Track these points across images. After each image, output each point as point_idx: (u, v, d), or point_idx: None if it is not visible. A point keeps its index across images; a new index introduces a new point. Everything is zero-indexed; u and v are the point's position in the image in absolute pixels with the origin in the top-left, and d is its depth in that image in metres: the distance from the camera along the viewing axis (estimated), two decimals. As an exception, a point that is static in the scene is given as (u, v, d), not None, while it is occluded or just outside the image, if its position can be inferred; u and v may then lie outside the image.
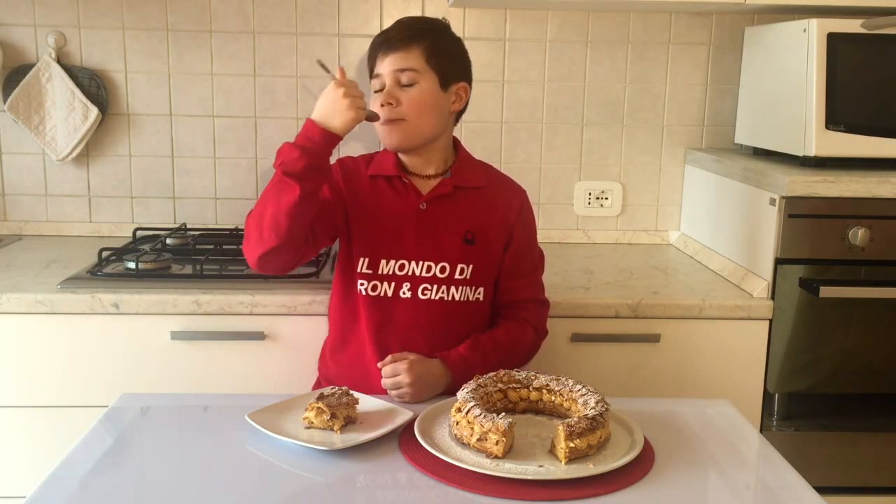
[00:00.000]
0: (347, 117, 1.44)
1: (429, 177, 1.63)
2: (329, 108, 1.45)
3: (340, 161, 1.66)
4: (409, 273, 1.58)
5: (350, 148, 2.37)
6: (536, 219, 2.39)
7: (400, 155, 1.64)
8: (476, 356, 1.55)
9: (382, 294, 1.58)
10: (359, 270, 1.59)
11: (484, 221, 1.62)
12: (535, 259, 1.70)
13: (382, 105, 1.55)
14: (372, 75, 1.60)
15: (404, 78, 1.55)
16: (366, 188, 1.62)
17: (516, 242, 1.65)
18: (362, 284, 1.59)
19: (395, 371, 1.48)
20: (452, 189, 1.61)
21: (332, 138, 1.45)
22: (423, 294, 1.58)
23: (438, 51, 1.59)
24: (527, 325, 1.65)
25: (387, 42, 1.57)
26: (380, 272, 1.58)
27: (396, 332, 1.58)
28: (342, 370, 1.63)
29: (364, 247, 1.59)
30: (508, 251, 1.64)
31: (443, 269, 1.58)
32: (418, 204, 1.59)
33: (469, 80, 1.65)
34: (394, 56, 1.55)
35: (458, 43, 1.64)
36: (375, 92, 1.58)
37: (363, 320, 1.60)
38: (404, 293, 1.58)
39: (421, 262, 1.58)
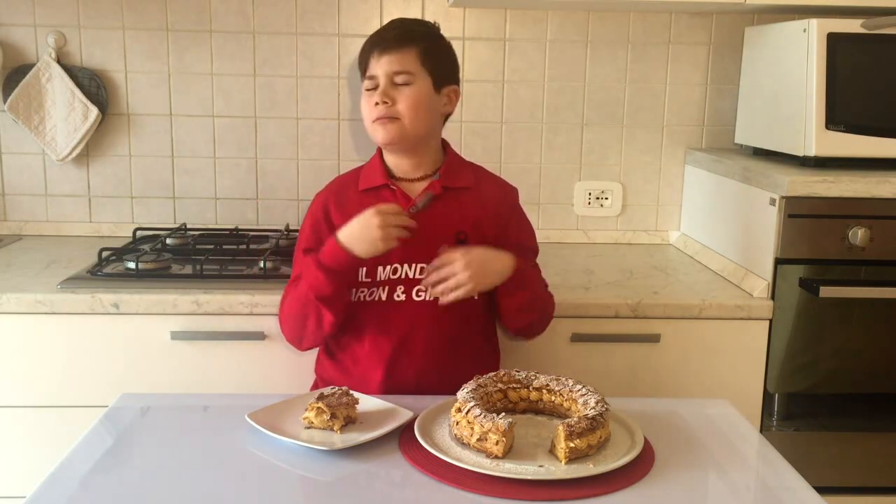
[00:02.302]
0: (374, 249, 1.46)
1: (417, 179, 1.62)
2: (360, 234, 1.46)
3: (324, 209, 1.63)
4: (403, 276, 1.57)
5: (351, 147, 2.37)
6: (536, 219, 2.42)
7: (389, 159, 1.63)
8: (530, 269, 1.61)
9: (377, 299, 1.58)
10: (358, 279, 1.58)
11: (475, 219, 1.61)
12: (534, 251, 1.72)
13: (377, 104, 1.54)
14: (364, 75, 1.59)
15: (399, 79, 1.55)
16: (356, 206, 1.59)
17: (516, 243, 1.64)
18: (362, 292, 1.59)
19: (448, 270, 1.47)
20: (442, 190, 1.60)
21: (356, 262, 1.48)
22: (418, 296, 1.57)
23: (432, 53, 1.59)
24: (548, 292, 1.70)
25: (382, 43, 1.57)
26: (377, 279, 1.58)
27: (393, 336, 1.57)
28: (339, 374, 1.62)
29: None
30: (514, 253, 1.63)
31: None
32: (408, 208, 1.57)
33: (458, 83, 1.66)
34: (389, 57, 1.55)
35: (449, 46, 1.66)
36: (367, 90, 1.58)
37: (359, 325, 1.60)
38: (399, 296, 1.57)
39: (414, 265, 1.57)
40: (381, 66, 1.56)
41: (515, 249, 1.64)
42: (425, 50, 1.58)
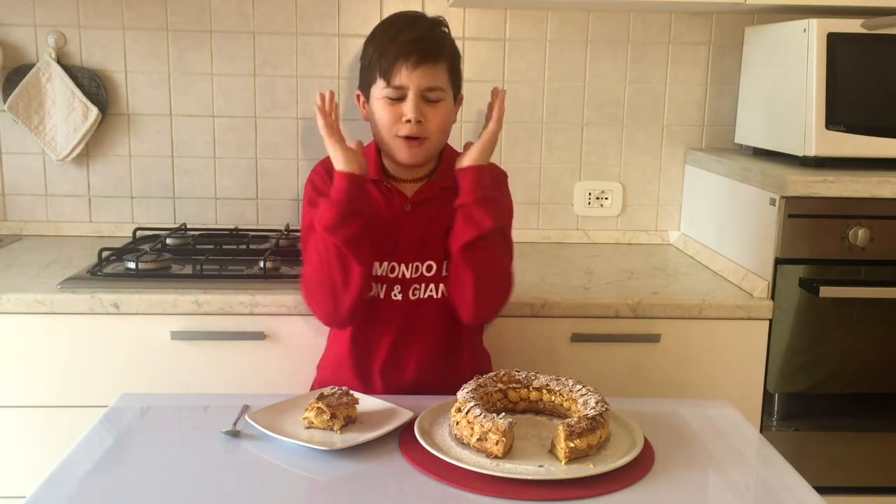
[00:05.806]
0: (337, 153, 1.47)
1: (413, 180, 1.60)
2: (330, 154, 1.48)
3: (312, 181, 1.60)
4: (399, 275, 1.56)
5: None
6: (537, 218, 2.42)
7: (388, 159, 1.59)
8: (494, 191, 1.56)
9: (376, 295, 1.57)
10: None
11: None
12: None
13: (408, 121, 1.49)
14: (388, 83, 1.49)
15: (432, 95, 1.50)
16: None
17: None
18: None
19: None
20: (438, 191, 1.58)
21: (351, 179, 1.46)
22: (413, 294, 1.57)
23: (456, 66, 1.56)
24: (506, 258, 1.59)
25: (414, 54, 1.47)
26: (374, 274, 1.57)
27: (390, 334, 1.57)
28: (337, 368, 1.62)
29: None
30: None
31: (429, 268, 1.57)
32: (403, 206, 1.57)
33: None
34: (423, 71, 1.48)
35: (457, 48, 1.59)
36: (390, 99, 1.50)
37: (358, 322, 1.58)
38: (395, 295, 1.56)
39: (410, 264, 1.56)
40: (413, 80, 1.47)
41: None
42: (451, 64, 1.54)
